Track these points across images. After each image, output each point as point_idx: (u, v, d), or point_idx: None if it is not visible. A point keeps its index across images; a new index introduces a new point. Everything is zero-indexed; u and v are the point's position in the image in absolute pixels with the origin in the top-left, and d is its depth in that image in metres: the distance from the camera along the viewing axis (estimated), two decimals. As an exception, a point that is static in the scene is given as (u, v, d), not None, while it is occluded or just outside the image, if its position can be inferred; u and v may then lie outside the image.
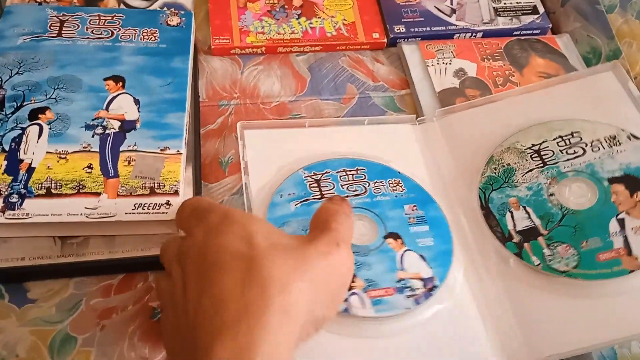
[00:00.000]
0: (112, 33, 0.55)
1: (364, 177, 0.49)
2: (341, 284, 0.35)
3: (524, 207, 0.47)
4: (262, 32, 0.61)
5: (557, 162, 0.49)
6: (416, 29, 0.63)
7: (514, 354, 0.41)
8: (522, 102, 0.53)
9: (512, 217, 0.47)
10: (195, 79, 0.57)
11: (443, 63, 0.61)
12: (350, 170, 0.50)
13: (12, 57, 0.51)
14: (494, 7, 0.66)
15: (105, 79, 0.50)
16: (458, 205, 0.48)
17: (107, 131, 0.47)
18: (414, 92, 0.59)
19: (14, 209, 0.42)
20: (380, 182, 0.49)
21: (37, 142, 0.46)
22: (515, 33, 0.65)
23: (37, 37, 0.53)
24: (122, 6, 0.60)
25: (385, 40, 0.63)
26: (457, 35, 0.64)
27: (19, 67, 0.51)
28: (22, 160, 0.45)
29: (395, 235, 0.46)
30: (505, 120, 0.52)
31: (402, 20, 0.64)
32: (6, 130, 0.46)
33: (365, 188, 0.49)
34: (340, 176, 0.49)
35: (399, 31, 0.63)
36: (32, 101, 0.48)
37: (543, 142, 0.50)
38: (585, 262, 0.43)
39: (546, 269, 0.43)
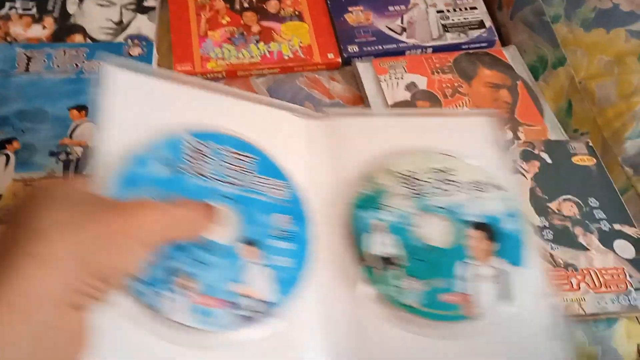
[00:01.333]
0: (77, 66, 0.58)
1: (248, 167, 0.43)
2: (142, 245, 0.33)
3: (387, 233, 0.45)
4: (222, 58, 0.64)
5: (427, 195, 0.47)
6: (369, 48, 0.67)
7: None
8: (408, 124, 0.52)
9: (373, 240, 0.44)
10: (158, 105, 0.60)
11: (395, 78, 0.65)
12: (237, 153, 0.44)
13: (-19, 93, 0.54)
14: (442, 24, 0.70)
15: (69, 108, 0.53)
16: (325, 216, 0.45)
17: (70, 157, 0.50)
18: (368, 106, 0.62)
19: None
20: (266, 178, 0.44)
21: (4, 170, 0.49)
22: (463, 47, 0.69)
23: (6, 74, 0.56)
24: (87, 41, 0.64)
25: (340, 59, 0.66)
26: (409, 51, 0.68)
27: (-13, 102, 0.54)
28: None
29: (251, 243, 0.41)
30: (389, 139, 0.50)
31: (356, 40, 0.67)
32: (-22, 162, 0.49)
33: (244, 178, 0.43)
34: (223, 155, 0.43)
35: (352, 51, 0.67)
36: (1, 133, 0.51)
37: (419, 171, 0.48)
38: (429, 300, 0.42)
39: (392, 300, 0.42)
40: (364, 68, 0.66)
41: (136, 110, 0.43)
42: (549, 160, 0.58)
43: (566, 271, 0.49)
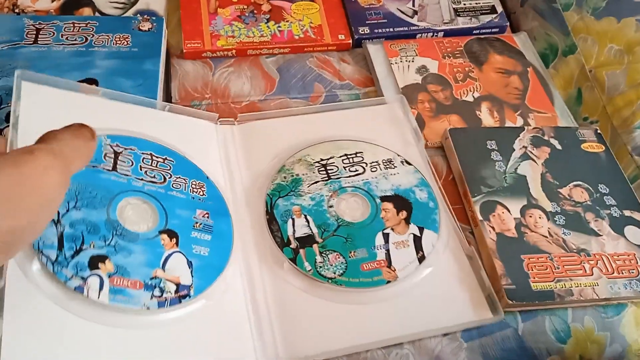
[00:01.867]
0: (86, 39, 0.57)
1: (169, 167, 0.48)
2: (39, 199, 0.30)
3: (305, 216, 0.50)
4: (232, 36, 0.64)
5: (340, 178, 0.52)
6: (380, 30, 0.66)
7: (275, 355, 0.43)
8: (317, 120, 0.57)
9: (293, 224, 0.49)
10: (167, 81, 0.59)
11: (406, 61, 0.64)
12: (157, 157, 0.49)
13: (-11, 64, 0.53)
14: (454, 8, 0.69)
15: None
16: (247, 209, 0.50)
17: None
18: (379, 88, 0.62)
19: None
20: (184, 179, 0.49)
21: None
22: (474, 32, 0.68)
23: (14, 44, 0.55)
24: (96, 14, 0.63)
25: (351, 41, 0.66)
26: (419, 35, 0.67)
27: (-4, 72, 0.53)
28: None
29: (171, 234, 0.45)
30: (299, 134, 0.55)
31: (367, 22, 0.67)
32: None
33: (164, 178, 0.48)
34: (143, 158, 0.48)
35: (363, 32, 0.66)
36: (9, 104, 0.50)
37: (330, 157, 0.54)
38: (351, 271, 0.47)
39: (315, 275, 0.46)
40: (374, 50, 0.65)
41: (53, 119, 0.42)
42: (558, 147, 0.58)
43: (579, 256, 0.49)
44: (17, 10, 0.61)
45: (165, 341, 0.41)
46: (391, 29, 0.67)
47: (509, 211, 0.52)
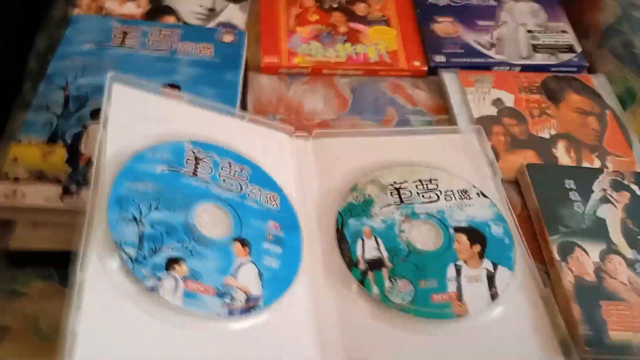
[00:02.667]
0: (171, 45, 0.58)
1: (245, 177, 0.49)
2: None
3: (375, 238, 0.48)
4: (309, 55, 0.64)
5: (413, 203, 0.51)
6: (456, 60, 0.66)
7: None
8: (391, 142, 0.56)
9: (363, 245, 0.48)
10: (244, 93, 0.60)
11: (481, 92, 0.63)
12: (235, 165, 0.49)
13: (78, 61, 0.55)
14: (532, 44, 0.68)
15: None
16: (317, 224, 0.49)
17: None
18: (452, 117, 0.61)
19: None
20: (259, 189, 0.48)
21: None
22: (552, 69, 0.67)
23: (102, 45, 0.57)
24: (179, 23, 0.64)
25: (426, 68, 0.65)
26: (496, 67, 0.67)
27: (83, 70, 0.54)
28: (82, 154, 0.48)
29: (244, 242, 0.45)
30: (373, 155, 0.54)
31: (443, 50, 0.67)
32: (70, 127, 0.50)
33: (240, 187, 0.48)
34: (222, 165, 0.48)
35: (439, 61, 0.66)
36: (95, 101, 0.52)
37: (404, 182, 0.52)
38: (420, 300, 0.45)
39: (383, 300, 0.45)
40: (450, 79, 0.64)
41: (142, 121, 0.47)
42: (639, 193, 0.56)
43: (657, 307, 0.47)
44: (104, 12, 0.63)
45: (230, 350, 0.41)
46: (468, 59, 0.66)
47: (587, 254, 0.50)
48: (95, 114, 0.50)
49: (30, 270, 0.46)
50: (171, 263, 0.41)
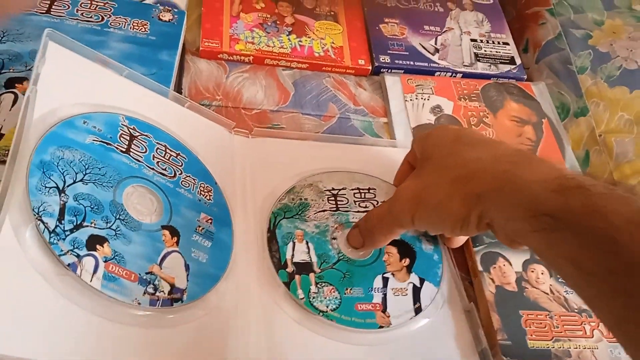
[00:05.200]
0: (102, 18, 0.54)
1: (180, 163, 0.47)
2: None
3: (307, 242, 0.48)
4: (251, 42, 0.62)
5: (349, 211, 0.51)
6: (400, 62, 0.66)
7: None
8: (332, 148, 0.56)
9: (294, 248, 0.47)
10: (179, 76, 0.57)
11: (421, 98, 0.63)
12: (171, 150, 0.47)
13: (-4, 26, 0.50)
14: (474, 53, 0.69)
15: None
16: (252, 223, 0.48)
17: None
18: (390, 123, 0.61)
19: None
20: (193, 179, 0.47)
21: (10, 110, 0.45)
22: (492, 79, 0.68)
23: (26, 13, 0.52)
24: (115, -3, 0.60)
25: (370, 67, 0.65)
26: (438, 73, 0.67)
27: (2, 36, 0.50)
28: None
29: (173, 231, 0.43)
30: (312, 159, 0.53)
31: (388, 51, 0.66)
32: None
33: (174, 173, 0.46)
34: (157, 148, 0.46)
35: (384, 61, 0.65)
36: (11, 70, 0.47)
37: (342, 188, 0.52)
38: (344, 308, 0.45)
39: (307, 304, 0.44)
40: (392, 82, 0.64)
41: (76, 86, 0.44)
42: (565, 205, 0.57)
43: (580, 317, 0.48)
44: (32, -22, 0.58)
45: (146, 342, 0.38)
46: (411, 62, 0.66)
47: (510, 264, 0.51)
48: (10, 83, 0.46)
49: None
50: (94, 242, 0.38)
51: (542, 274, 0.51)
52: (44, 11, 0.53)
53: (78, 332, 0.35)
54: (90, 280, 0.36)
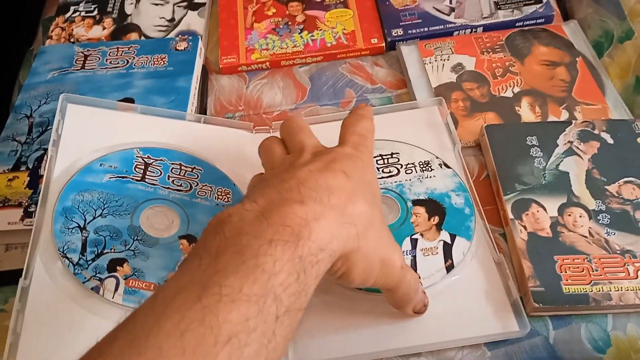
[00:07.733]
0: (127, 62, 0.61)
1: (196, 176, 0.50)
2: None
3: None
4: (266, 49, 0.65)
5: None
6: (414, 31, 0.65)
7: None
8: None
9: None
10: (203, 97, 0.62)
11: (441, 60, 0.62)
12: (186, 166, 0.50)
13: (41, 90, 0.59)
14: (494, 1, 0.66)
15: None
16: None
17: None
18: (411, 90, 0.60)
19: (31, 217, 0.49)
20: (210, 187, 0.50)
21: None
22: (517, 25, 0.65)
23: (64, 71, 0.60)
24: (142, 38, 0.67)
25: (384, 44, 0.65)
26: (457, 32, 0.65)
27: (46, 98, 0.58)
28: (41, 176, 0.51)
29: (191, 239, 0.46)
30: (332, 140, 0.49)
31: (400, 23, 0.66)
32: (32, 152, 0.53)
33: (191, 186, 0.49)
34: (172, 168, 0.50)
35: (396, 34, 0.65)
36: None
37: None
38: None
39: None
40: (408, 51, 0.64)
41: (93, 136, 0.50)
42: (610, 141, 0.53)
43: (623, 258, 0.45)
44: (72, 40, 0.67)
45: None
46: (426, 29, 0.65)
47: (545, 210, 0.48)
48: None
49: (7, 289, 0.50)
50: (114, 264, 0.43)
51: (580, 216, 0.48)
52: (79, 67, 0.61)
53: None
54: (113, 297, 0.42)
